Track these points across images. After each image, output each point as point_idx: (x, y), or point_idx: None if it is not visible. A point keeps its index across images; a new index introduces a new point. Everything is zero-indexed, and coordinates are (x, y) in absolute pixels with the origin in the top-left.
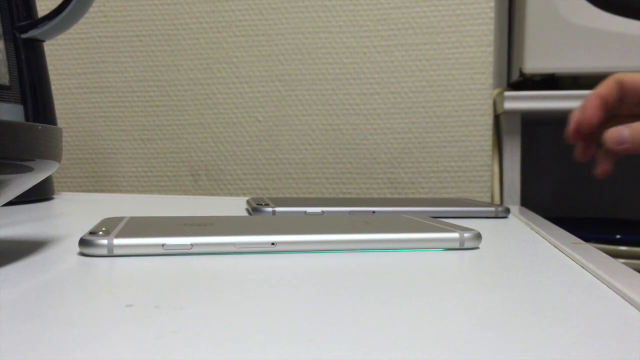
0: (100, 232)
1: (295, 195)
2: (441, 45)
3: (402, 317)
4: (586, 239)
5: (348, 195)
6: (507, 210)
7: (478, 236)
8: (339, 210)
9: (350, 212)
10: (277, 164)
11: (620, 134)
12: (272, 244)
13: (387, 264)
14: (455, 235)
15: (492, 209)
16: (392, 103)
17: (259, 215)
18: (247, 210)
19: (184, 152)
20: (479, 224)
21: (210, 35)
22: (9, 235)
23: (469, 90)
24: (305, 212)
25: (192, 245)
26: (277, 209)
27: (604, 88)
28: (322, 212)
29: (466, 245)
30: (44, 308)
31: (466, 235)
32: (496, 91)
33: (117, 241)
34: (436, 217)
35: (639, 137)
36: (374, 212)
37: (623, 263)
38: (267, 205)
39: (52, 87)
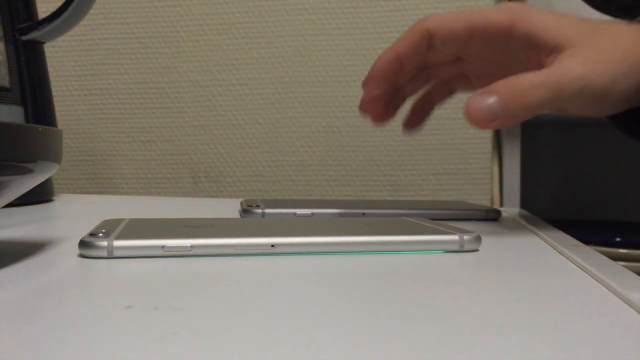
0: (100, 234)
1: (295, 198)
2: None
3: (402, 319)
4: (586, 241)
5: (347, 198)
6: (498, 212)
7: (478, 239)
8: (328, 212)
9: (339, 213)
10: (276, 166)
11: (487, 107)
12: (272, 246)
13: (386, 266)
14: (455, 237)
15: (483, 211)
16: None
17: (249, 216)
18: (239, 211)
19: (183, 154)
20: (478, 226)
21: (210, 38)
22: (8, 237)
23: None
24: (295, 213)
25: (191, 247)
26: (267, 210)
27: (404, 43)
28: (312, 213)
29: (466, 247)
30: (43, 309)
31: (466, 237)
32: None
33: (117, 243)
34: (434, 218)
35: (514, 105)
36: (363, 214)
37: (623, 265)
38: (257, 206)
39: (52, 88)
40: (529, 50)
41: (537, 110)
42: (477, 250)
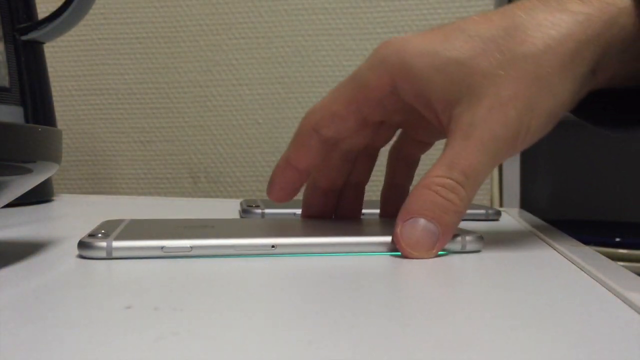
0: (100, 235)
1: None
2: None
3: (403, 320)
4: (586, 241)
5: None
6: (498, 212)
7: (480, 239)
8: None
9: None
10: None
11: (425, 235)
12: (272, 246)
13: (387, 266)
14: (457, 238)
15: (483, 211)
16: None
17: (249, 216)
18: (239, 211)
19: (183, 154)
20: (478, 227)
21: (210, 38)
22: (8, 237)
23: None
24: (294, 213)
25: (191, 247)
26: (267, 210)
27: (294, 148)
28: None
29: (468, 248)
30: (43, 310)
31: (468, 238)
32: None
33: (116, 244)
34: None
35: (452, 224)
36: (364, 214)
37: (622, 266)
38: (257, 207)
39: (52, 89)
40: (421, 106)
41: (465, 211)
42: (479, 251)
